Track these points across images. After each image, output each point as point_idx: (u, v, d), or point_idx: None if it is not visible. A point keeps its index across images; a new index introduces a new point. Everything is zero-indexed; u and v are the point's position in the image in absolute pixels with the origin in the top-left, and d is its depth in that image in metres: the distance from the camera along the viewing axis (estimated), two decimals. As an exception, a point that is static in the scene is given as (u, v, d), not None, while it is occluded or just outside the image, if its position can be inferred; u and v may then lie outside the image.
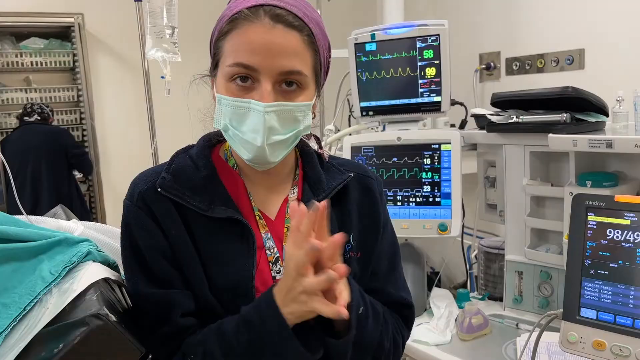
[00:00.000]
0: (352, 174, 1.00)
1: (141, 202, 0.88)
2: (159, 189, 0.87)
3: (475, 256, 2.13)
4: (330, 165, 1.02)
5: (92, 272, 0.84)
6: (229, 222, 0.88)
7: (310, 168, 0.98)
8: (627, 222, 0.91)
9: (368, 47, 1.81)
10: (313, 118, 0.94)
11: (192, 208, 0.88)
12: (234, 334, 0.81)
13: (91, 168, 3.92)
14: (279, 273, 0.92)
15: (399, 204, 1.77)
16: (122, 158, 3.97)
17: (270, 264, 0.92)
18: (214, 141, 0.98)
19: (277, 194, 0.96)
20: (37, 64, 3.91)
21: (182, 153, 0.96)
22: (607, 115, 1.59)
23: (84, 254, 0.88)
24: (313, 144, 1.05)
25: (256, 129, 0.83)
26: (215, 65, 0.90)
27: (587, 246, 0.95)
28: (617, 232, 0.92)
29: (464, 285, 2.07)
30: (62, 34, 3.97)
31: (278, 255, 0.93)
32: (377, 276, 1.00)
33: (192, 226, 0.88)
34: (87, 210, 3.99)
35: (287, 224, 0.95)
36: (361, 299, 0.88)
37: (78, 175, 3.97)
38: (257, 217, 0.94)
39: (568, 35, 2.77)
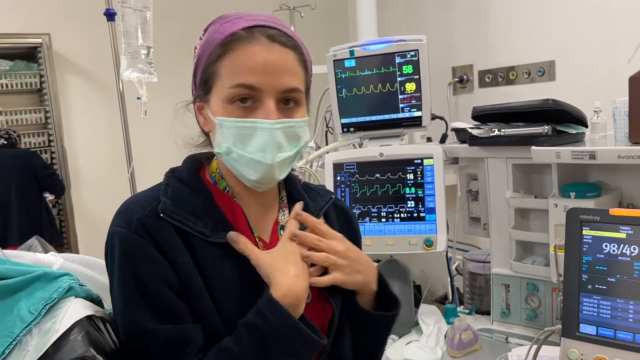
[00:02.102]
0: (333, 196, 1.04)
1: (141, 230, 0.81)
2: (162, 215, 0.83)
3: (456, 268, 2.12)
4: (308, 188, 1.04)
5: (75, 310, 0.79)
6: (234, 247, 0.85)
7: (294, 190, 1.00)
8: (623, 235, 0.91)
9: (347, 64, 1.80)
10: None
11: (195, 234, 0.84)
12: (234, 343, 0.79)
13: (63, 188, 3.82)
14: None
15: (383, 220, 1.75)
16: (94, 181, 3.87)
17: None
18: (203, 162, 0.95)
19: (269, 216, 0.95)
20: (2, 86, 3.80)
21: (171, 176, 0.92)
22: (586, 126, 1.60)
23: (65, 290, 0.83)
24: None
25: (264, 148, 0.83)
26: (207, 89, 0.87)
27: (584, 261, 0.94)
28: (614, 246, 0.91)
29: (445, 298, 2.06)
30: (28, 54, 3.87)
31: None
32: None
33: (196, 253, 0.84)
34: (57, 232, 3.86)
35: None
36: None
37: (50, 197, 3.85)
38: (257, 240, 0.91)
39: (538, 48, 2.83)
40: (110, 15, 2.12)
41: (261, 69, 0.82)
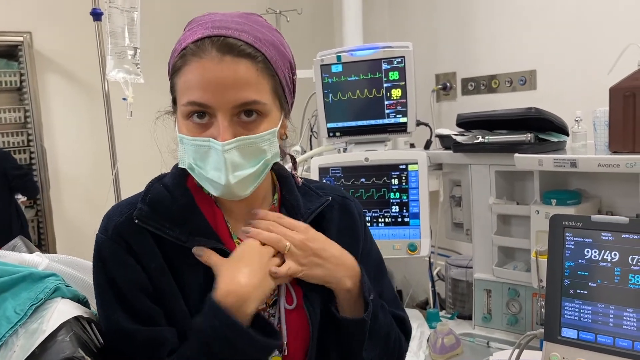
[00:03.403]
0: (330, 198, 0.97)
1: (117, 236, 0.83)
2: (137, 221, 0.83)
3: (437, 274, 2.15)
4: (308, 188, 0.99)
5: (62, 310, 0.79)
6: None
7: (288, 192, 0.96)
8: (604, 241, 0.93)
9: (334, 69, 1.81)
10: (285, 139, 0.93)
11: (172, 240, 0.84)
12: (187, 347, 0.79)
13: (36, 189, 3.71)
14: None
15: (368, 224, 1.75)
16: (75, 182, 3.81)
17: None
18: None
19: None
20: (-20, 85, 3.72)
21: (156, 182, 0.92)
22: (567, 134, 1.64)
23: (52, 290, 0.83)
24: (288, 164, 1.02)
25: (218, 168, 0.81)
26: (174, 101, 0.88)
27: (566, 266, 0.96)
28: (595, 252, 0.94)
29: (426, 303, 2.08)
30: (8, 53, 3.80)
31: None
32: None
33: (172, 258, 0.84)
34: (28, 236, 3.77)
35: None
36: (372, 286, 0.92)
37: (22, 199, 3.75)
38: (237, 245, 0.90)
39: (520, 57, 2.88)
40: (96, 15, 2.10)
41: (210, 86, 0.78)
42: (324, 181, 1.78)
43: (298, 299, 0.90)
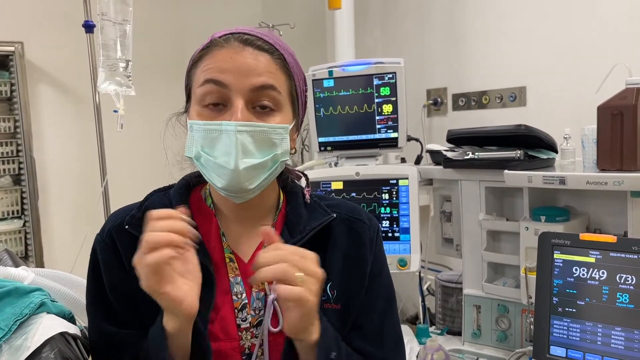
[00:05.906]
0: (335, 215, 0.91)
1: (109, 239, 0.87)
2: (127, 226, 0.86)
3: (427, 289, 2.15)
4: (317, 205, 0.94)
5: (47, 326, 0.78)
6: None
7: (292, 209, 0.92)
8: (592, 259, 0.93)
9: (326, 84, 1.82)
10: (294, 153, 0.90)
11: None
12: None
13: None
14: (244, 321, 0.87)
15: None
16: (64, 194, 3.78)
17: (236, 311, 0.87)
18: (193, 181, 0.94)
19: (254, 235, 0.90)
20: (-30, 94, 3.70)
21: (160, 191, 0.94)
22: (556, 151, 1.65)
23: (37, 305, 0.82)
24: (303, 184, 1.00)
25: (228, 151, 0.79)
26: (188, 96, 0.88)
27: (554, 284, 0.96)
28: (583, 270, 0.94)
29: (416, 318, 2.07)
30: (-1, 62, 3.79)
31: (246, 302, 0.88)
32: (361, 332, 0.92)
33: None
34: None
35: None
36: (334, 343, 0.82)
37: None
38: (228, 260, 0.89)
39: (510, 74, 2.90)
40: (88, 27, 2.11)
41: (230, 68, 0.81)
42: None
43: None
